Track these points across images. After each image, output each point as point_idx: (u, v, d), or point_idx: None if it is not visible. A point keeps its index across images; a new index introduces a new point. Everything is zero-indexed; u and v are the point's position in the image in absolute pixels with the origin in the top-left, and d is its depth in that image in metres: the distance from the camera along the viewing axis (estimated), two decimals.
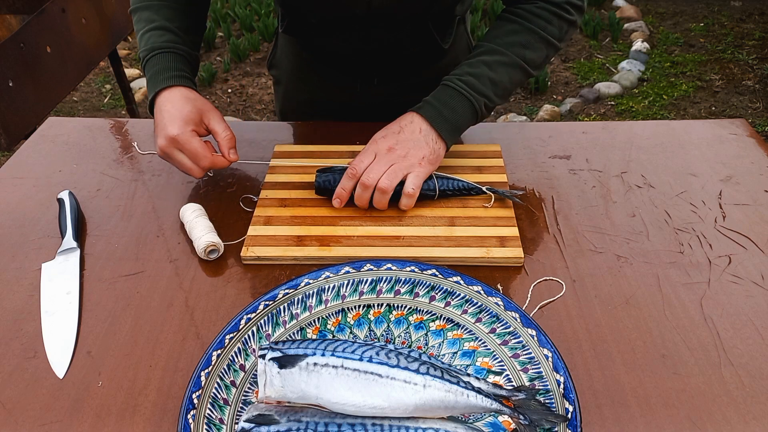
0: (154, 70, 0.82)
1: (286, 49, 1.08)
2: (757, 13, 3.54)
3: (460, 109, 0.80)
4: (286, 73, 1.10)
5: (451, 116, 0.80)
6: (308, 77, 1.06)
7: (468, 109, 0.81)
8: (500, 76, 0.81)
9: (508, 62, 0.82)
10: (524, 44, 0.82)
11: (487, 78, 0.81)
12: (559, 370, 0.57)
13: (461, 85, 0.80)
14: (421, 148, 0.78)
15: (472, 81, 0.80)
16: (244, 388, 0.58)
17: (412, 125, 0.80)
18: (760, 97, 2.84)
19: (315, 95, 1.07)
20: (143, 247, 0.76)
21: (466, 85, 0.80)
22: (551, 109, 2.78)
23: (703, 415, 0.56)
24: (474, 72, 0.81)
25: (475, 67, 0.81)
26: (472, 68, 0.81)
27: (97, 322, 0.67)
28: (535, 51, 0.83)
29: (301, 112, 1.10)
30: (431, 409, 0.53)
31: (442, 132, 0.79)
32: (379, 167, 0.77)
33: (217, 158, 0.80)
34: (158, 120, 0.79)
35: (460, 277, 0.67)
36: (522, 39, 0.82)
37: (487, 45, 0.83)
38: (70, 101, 3.01)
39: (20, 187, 0.87)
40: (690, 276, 0.70)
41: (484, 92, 0.81)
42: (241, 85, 3.05)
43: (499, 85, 0.82)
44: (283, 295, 0.65)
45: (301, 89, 1.09)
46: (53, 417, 0.57)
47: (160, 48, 0.83)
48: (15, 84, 1.46)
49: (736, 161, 0.88)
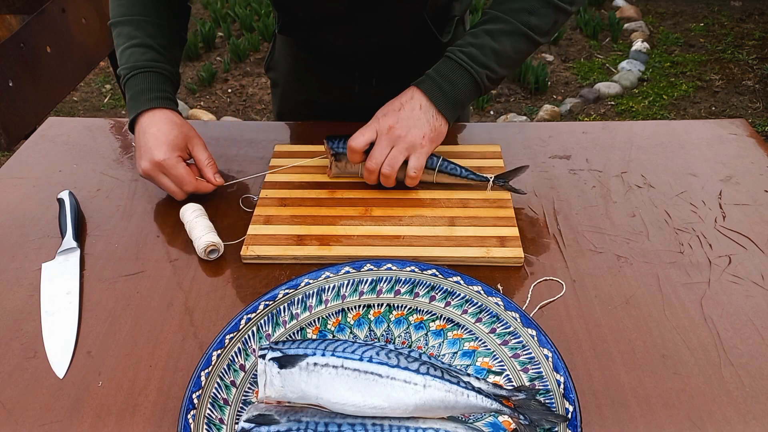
0: (136, 89, 0.81)
1: (283, 51, 1.08)
2: (757, 13, 3.54)
3: (461, 84, 0.79)
4: (283, 74, 1.10)
5: (451, 91, 0.78)
6: (306, 78, 1.06)
7: (469, 82, 0.79)
8: (503, 46, 0.79)
9: (512, 30, 0.79)
10: (529, 10, 0.79)
11: (489, 48, 0.78)
12: (559, 370, 0.57)
13: (462, 58, 0.78)
14: (421, 127, 0.78)
15: (474, 52, 0.78)
16: (244, 388, 0.58)
17: (412, 101, 0.79)
18: (760, 97, 2.84)
19: (313, 96, 1.07)
20: (143, 247, 0.76)
21: (468, 57, 0.78)
22: (551, 109, 2.78)
23: (703, 415, 0.56)
24: (476, 42, 0.79)
25: (477, 37, 0.79)
26: (474, 38, 0.79)
27: (97, 322, 0.67)
28: (540, 17, 0.79)
29: (299, 114, 1.09)
30: (431, 409, 0.53)
31: (442, 108, 0.78)
32: (380, 150, 0.77)
33: (201, 183, 0.81)
34: (142, 142, 0.79)
35: (460, 277, 0.67)
36: (527, 5, 0.79)
37: (491, 13, 0.81)
38: (70, 101, 3.01)
39: (20, 187, 0.87)
40: (690, 276, 0.70)
41: (486, 63, 0.79)
42: (241, 85, 3.05)
43: (503, 56, 0.79)
44: (283, 295, 0.65)
45: (299, 90, 1.09)
46: (53, 417, 0.57)
47: (143, 67, 0.81)
48: (15, 84, 1.46)
49: (736, 161, 0.88)
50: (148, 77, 0.81)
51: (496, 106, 2.86)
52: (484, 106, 2.82)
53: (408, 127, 0.77)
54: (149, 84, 0.81)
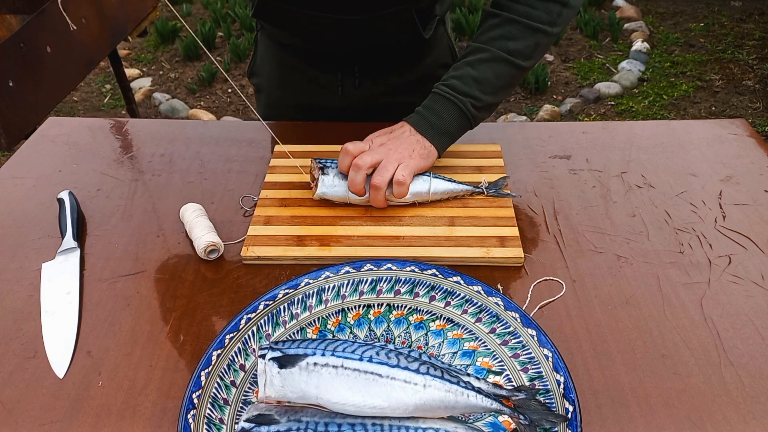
0: None
1: (266, 55, 1.07)
2: (757, 13, 3.54)
3: (445, 113, 0.81)
4: (267, 79, 1.09)
5: (436, 121, 0.81)
6: (290, 80, 1.05)
7: (453, 111, 0.81)
8: (483, 73, 0.81)
9: (491, 58, 0.81)
10: (507, 36, 0.81)
11: (470, 77, 0.81)
12: (559, 370, 0.57)
13: (445, 90, 0.81)
14: (411, 145, 0.80)
15: (455, 83, 0.81)
16: (244, 388, 0.58)
17: (401, 129, 0.82)
18: (760, 97, 2.84)
19: (297, 99, 1.06)
20: (143, 247, 0.76)
21: (449, 88, 0.81)
22: (551, 109, 2.78)
23: (703, 415, 0.56)
24: (457, 74, 0.82)
25: (458, 70, 0.82)
26: (455, 71, 0.82)
27: (97, 322, 0.67)
28: (519, 41, 0.81)
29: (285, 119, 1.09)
30: (431, 409, 0.53)
31: (428, 136, 0.80)
32: (370, 155, 0.78)
33: None
34: None
35: (460, 277, 0.67)
36: (504, 31, 0.81)
37: (471, 45, 0.83)
38: (70, 101, 3.01)
39: (20, 187, 0.87)
40: (690, 276, 0.70)
41: (468, 92, 0.81)
42: (241, 85, 3.05)
43: (485, 83, 0.81)
44: (283, 295, 0.65)
45: (284, 95, 1.08)
46: (53, 417, 0.57)
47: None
48: (15, 84, 1.46)
49: (736, 161, 0.88)
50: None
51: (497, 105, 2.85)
52: None
53: (398, 144, 0.80)
54: None
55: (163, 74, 3.23)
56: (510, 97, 2.92)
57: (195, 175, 0.89)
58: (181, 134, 0.98)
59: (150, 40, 3.51)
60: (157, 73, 3.24)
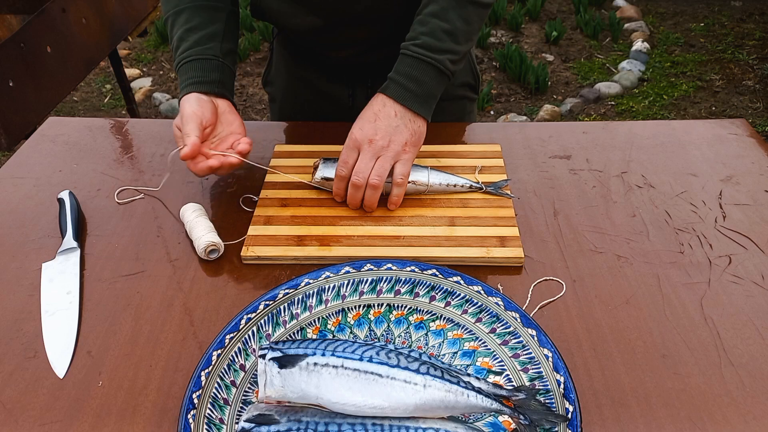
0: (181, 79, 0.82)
1: (280, 66, 1.07)
2: (758, 13, 3.54)
3: (426, 78, 0.77)
4: (281, 89, 1.09)
5: (418, 89, 0.77)
6: (303, 92, 1.05)
7: (433, 74, 0.77)
8: (453, 23, 0.76)
9: (456, 4, 0.76)
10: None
11: (441, 31, 0.76)
12: (559, 370, 0.57)
13: (418, 51, 0.76)
14: (401, 133, 0.76)
15: (428, 41, 0.76)
16: (245, 388, 0.58)
17: (386, 109, 0.77)
18: (761, 97, 2.84)
19: (309, 111, 1.06)
20: (143, 247, 0.76)
21: (424, 48, 0.76)
22: (551, 109, 2.77)
23: (704, 415, 0.56)
24: (426, 30, 0.76)
25: (425, 24, 0.77)
26: (422, 26, 0.77)
27: (97, 322, 0.67)
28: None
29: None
30: (431, 409, 0.53)
31: (416, 108, 0.77)
32: (365, 163, 0.76)
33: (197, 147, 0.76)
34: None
35: (460, 277, 0.67)
36: None
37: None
38: (70, 101, 3.01)
39: (20, 187, 0.87)
40: (690, 276, 0.70)
41: (444, 48, 0.76)
42: (241, 85, 3.05)
43: (456, 33, 0.77)
44: (284, 295, 0.65)
45: (297, 105, 1.08)
46: (53, 417, 0.57)
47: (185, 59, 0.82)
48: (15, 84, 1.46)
49: (736, 161, 0.88)
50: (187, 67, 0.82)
51: (496, 106, 2.86)
52: (484, 107, 2.82)
53: (389, 136, 0.76)
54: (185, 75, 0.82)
55: (164, 74, 3.23)
56: (510, 97, 2.92)
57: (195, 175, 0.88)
58: None
59: (150, 40, 3.51)
60: (157, 73, 3.24)
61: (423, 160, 0.86)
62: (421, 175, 0.80)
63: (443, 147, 0.90)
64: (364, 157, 0.76)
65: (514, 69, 2.97)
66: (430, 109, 0.79)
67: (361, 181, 0.76)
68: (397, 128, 0.77)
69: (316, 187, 0.83)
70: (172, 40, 0.85)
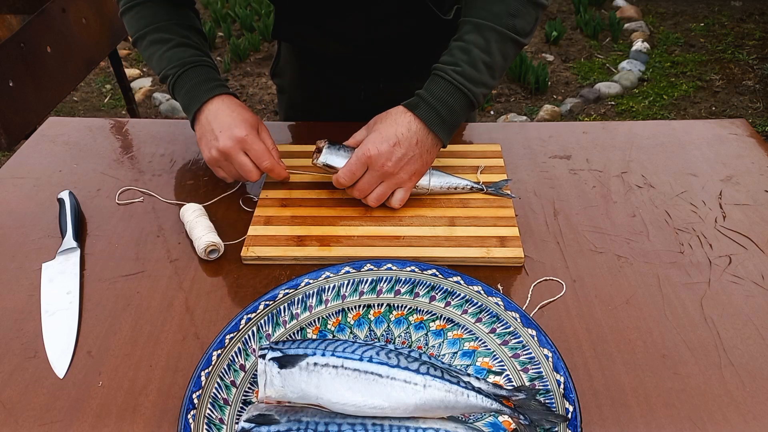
0: (193, 82, 0.81)
1: (288, 58, 1.07)
2: (758, 13, 3.54)
3: (458, 107, 0.75)
4: (289, 81, 1.09)
5: (448, 116, 0.75)
6: (312, 85, 1.06)
7: (466, 105, 0.76)
8: (494, 58, 0.75)
9: (499, 38, 0.75)
10: (513, 13, 0.75)
11: (482, 63, 0.75)
12: (559, 370, 0.57)
13: (458, 79, 0.74)
14: (413, 164, 0.75)
15: (468, 71, 0.74)
16: (245, 388, 0.58)
17: (409, 135, 0.74)
18: (761, 97, 2.84)
19: (320, 102, 1.06)
20: (143, 247, 0.76)
21: (463, 77, 0.74)
22: (551, 109, 2.77)
23: (704, 415, 0.56)
24: (467, 59, 0.75)
25: (467, 53, 0.75)
26: (465, 54, 0.75)
27: (98, 322, 0.67)
28: (523, 18, 0.76)
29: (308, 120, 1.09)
30: (431, 409, 0.53)
31: (441, 134, 0.76)
32: (369, 183, 0.76)
33: (276, 163, 0.79)
34: (215, 125, 0.78)
35: (460, 277, 0.67)
36: (507, 7, 0.75)
37: (472, 21, 0.76)
38: (70, 101, 3.01)
39: (20, 187, 0.87)
40: (690, 276, 0.70)
41: (482, 80, 0.75)
42: (241, 85, 3.05)
43: (494, 67, 0.76)
44: (284, 295, 0.65)
45: (306, 97, 1.08)
46: (53, 417, 0.57)
47: (193, 62, 0.82)
48: (15, 84, 1.46)
49: (736, 161, 0.88)
50: (201, 70, 0.82)
51: (496, 106, 2.86)
52: (484, 107, 2.82)
53: (401, 165, 0.75)
54: (205, 75, 0.82)
55: None
56: (510, 97, 2.92)
57: (195, 175, 0.89)
58: (181, 134, 0.98)
59: None
60: None
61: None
62: (422, 178, 0.80)
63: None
64: (369, 177, 0.76)
65: (514, 69, 2.97)
66: (449, 138, 0.78)
67: (359, 196, 0.78)
68: (412, 158, 0.75)
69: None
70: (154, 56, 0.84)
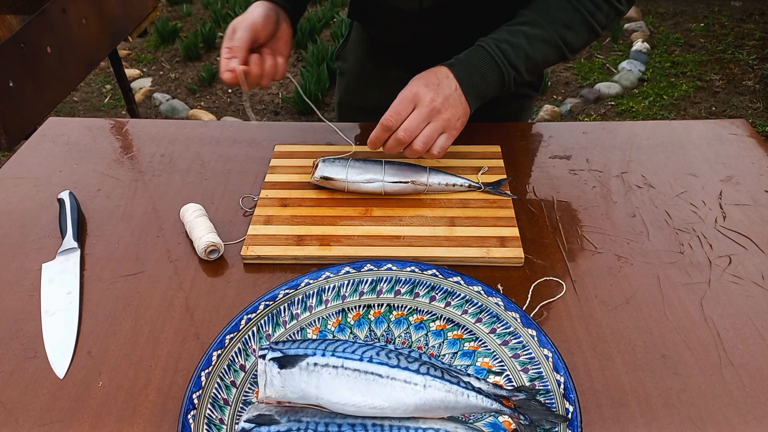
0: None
1: (356, 44, 1.08)
2: (758, 13, 3.54)
3: (490, 78, 0.77)
4: (351, 66, 1.10)
5: (480, 83, 0.77)
6: (373, 74, 1.06)
7: (497, 78, 0.78)
8: (536, 52, 0.78)
9: (548, 39, 0.78)
10: (568, 24, 0.78)
11: (523, 51, 0.77)
12: (559, 370, 0.57)
13: (496, 52, 0.77)
14: (457, 108, 0.76)
15: (508, 50, 0.77)
16: (245, 389, 0.58)
17: (448, 81, 0.76)
18: (761, 97, 2.84)
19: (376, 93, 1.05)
20: (143, 247, 0.76)
21: (502, 53, 0.77)
22: (551, 109, 2.77)
23: (704, 415, 0.56)
24: (512, 41, 0.77)
25: (513, 36, 0.78)
26: (511, 36, 0.78)
27: (98, 322, 0.67)
28: (576, 33, 0.79)
29: (359, 107, 1.10)
30: (431, 409, 0.53)
31: (469, 98, 0.77)
32: (417, 122, 0.74)
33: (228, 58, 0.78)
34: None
35: (460, 277, 0.67)
36: (567, 18, 0.78)
37: (530, 15, 0.79)
38: (70, 101, 3.01)
39: (20, 187, 0.87)
40: (690, 276, 0.70)
41: (517, 65, 0.77)
42: None
43: (533, 61, 0.78)
44: (284, 295, 0.65)
45: (364, 85, 1.09)
46: (53, 417, 0.57)
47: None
48: (15, 84, 1.46)
49: (736, 161, 0.88)
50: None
51: None
52: None
53: (447, 105, 0.75)
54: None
55: (164, 74, 3.23)
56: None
57: (195, 175, 0.89)
58: (181, 134, 0.98)
59: (150, 40, 3.51)
60: (157, 73, 3.24)
61: (423, 161, 0.86)
62: (421, 175, 0.80)
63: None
64: (418, 115, 0.74)
65: None
66: (476, 107, 0.79)
67: (406, 139, 0.74)
68: (456, 101, 0.76)
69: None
70: None
